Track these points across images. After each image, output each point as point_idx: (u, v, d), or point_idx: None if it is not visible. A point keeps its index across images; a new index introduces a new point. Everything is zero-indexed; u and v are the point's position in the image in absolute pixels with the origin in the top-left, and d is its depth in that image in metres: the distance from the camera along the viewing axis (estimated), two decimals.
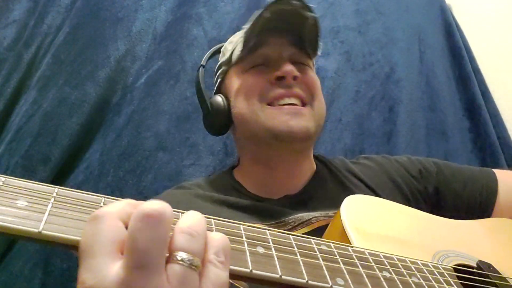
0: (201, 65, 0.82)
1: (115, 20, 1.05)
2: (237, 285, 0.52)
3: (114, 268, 0.26)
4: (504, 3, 1.37)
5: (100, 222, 0.28)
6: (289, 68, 0.68)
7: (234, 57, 0.73)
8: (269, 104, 0.69)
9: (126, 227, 0.28)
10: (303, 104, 0.70)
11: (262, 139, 0.69)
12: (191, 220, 0.30)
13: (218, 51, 0.84)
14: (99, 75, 0.99)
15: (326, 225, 0.57)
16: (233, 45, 0.76)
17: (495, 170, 0.78)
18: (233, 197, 0.70)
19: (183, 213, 0.32)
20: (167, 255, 0.28)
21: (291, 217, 0.65)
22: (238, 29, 1.12)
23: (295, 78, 0.69)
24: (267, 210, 0.66)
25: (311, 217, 0.65)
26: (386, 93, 1.19)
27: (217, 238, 0.31)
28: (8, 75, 0.96)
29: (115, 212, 0.29)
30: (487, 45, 1.35)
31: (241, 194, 0.71)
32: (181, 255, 0.28)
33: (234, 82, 0.74)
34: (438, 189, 0.75)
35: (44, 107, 0.93)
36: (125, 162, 0.94)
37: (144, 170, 0.94)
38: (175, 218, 0.30)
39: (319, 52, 0.74)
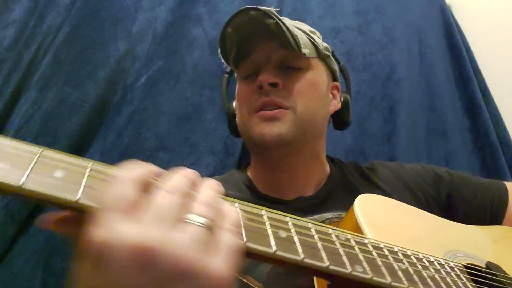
0: (226, 72, 0.87)
1: (115, 20, 1.05)
2: (252, 285, 0.52)
3: (129, 224, 0.27)
4: (504, 3, 1.37)
5: (116, 183, 0.30)
6: (262, 77, 0.68)
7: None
8: (256, 112, 0.69)
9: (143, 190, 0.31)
10: (286, 109, 0.68)
11: (251, 145, 0.73)
12: (209, 193, 0.33)
13: None
14: (99, 75, 0.99)
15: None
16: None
17: (505, 182, 0.79)
18: (248, 197, 0.70)
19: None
20: (184, 218, 0.30)
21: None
22: None
23: (275, 85, 0.68)
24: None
25: (324, 219, 0.65)
26: (387, 94, 1.19)
27: (233, 211, 0.33)
28: (8, 75, 0.96)
29: (132, 177, 0.31)
30: (487, 45, 1.35)
31: (255, 193, 0.72)
32: (198, 219, 0.30)
33: (236, 89, 0.78)
34: (450, 197, 0.76)
35: (44, 107, 0.93)
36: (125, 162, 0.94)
37: None
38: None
39: (306, 50, 0.69)
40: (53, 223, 0.32)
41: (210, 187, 0.34)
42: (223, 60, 0.75)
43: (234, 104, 0.80)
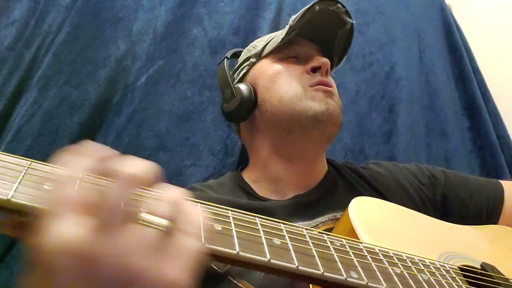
0: (226, 57, 0.86)
1: (115, 19, 1.05)
2: None
3: (72, 227, 0.24)
4: (504, 3, 1.37)
5: (60, 181, 0.27)
6: (325, 59, 0.72)
7: (270, 46, 0.77)
8: (313, 86, 0.72)
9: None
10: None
11: (297, 121, 0.69)
12: (172, 190, 0.30)
13: (237, 54, 0.88)
14: (100, 74, 0.99)
15: (333, 228, 0.57)
16: (267, 40, 0.80)
17: (501, 181, 0.79)
18: (244, 200, 0.70)
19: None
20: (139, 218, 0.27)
21: (297, 224, 0.65)
22: (238, 29, 1.13)
23: (327, 72, 0.74)
24: (275, 215, 0.66)
25: (318, 223, 0.65)
26: (386, 93, 1.20)
27: (196, 213, 0.30)
28: (8, 75, 0.96)
29: (76, 173, 0.28)
30: (487, 45, 1.35)
31: (251, 196, 0.72)
32: (155, 219, 0.27)
33: (268, 69, 0.76)
34: (445, 197, 0.76)
35: (45, 107, 0.93)
36: None
37: None
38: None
39: (341, 62, 0.82)
40: (8, 226, 0.29)
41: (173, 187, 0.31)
42: (287, 29, 0.74)
43: (243, 87, 0.75)
